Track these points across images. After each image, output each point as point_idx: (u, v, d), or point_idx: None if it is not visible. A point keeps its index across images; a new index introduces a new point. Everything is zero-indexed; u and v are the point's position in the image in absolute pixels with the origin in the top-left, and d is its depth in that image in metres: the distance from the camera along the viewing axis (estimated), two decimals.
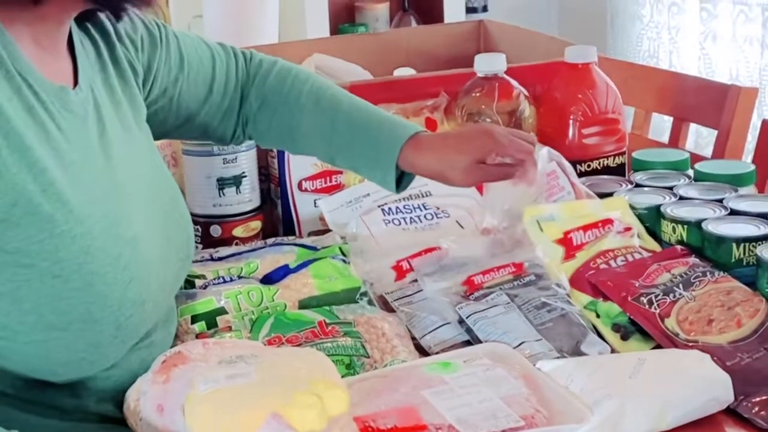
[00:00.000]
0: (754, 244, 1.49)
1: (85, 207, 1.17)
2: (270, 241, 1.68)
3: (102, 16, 1.35)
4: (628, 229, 1.60)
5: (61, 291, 1.14)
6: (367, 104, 1.57)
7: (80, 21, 1.32)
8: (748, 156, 2.26)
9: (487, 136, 1.49)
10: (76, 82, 1.27)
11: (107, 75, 1.33)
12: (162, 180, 1.39)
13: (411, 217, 1.74)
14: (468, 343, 1.41)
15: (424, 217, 1.74)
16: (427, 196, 1.77)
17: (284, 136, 1.59)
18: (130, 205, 1.26)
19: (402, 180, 1.53)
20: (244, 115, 1.59)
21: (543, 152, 1.72)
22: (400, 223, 1.73)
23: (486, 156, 1.48)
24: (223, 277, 1.51)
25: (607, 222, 1.59)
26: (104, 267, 1.17)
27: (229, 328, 1.42)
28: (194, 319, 1.43)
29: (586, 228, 1.58)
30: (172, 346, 1.35)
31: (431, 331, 1.44)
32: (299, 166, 1.80)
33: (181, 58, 1.50)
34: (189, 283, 1.49)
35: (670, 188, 1.70)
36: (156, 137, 1.47)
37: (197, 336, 1.41)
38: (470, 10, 3.85)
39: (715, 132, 2.22)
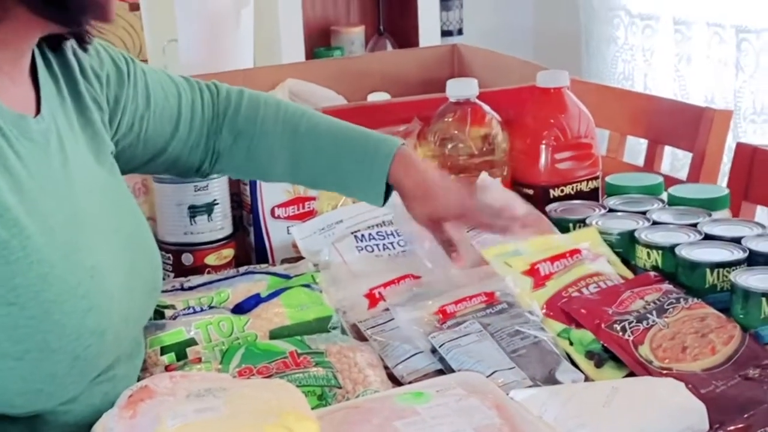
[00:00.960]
0: (727, 269, 1.49)
1: (43, 234, 1.16)
2: (242, 269, 1.67)
3: (67, 50, 1.34)
4: (597, 258, 1.59)
5: (16, 319, 1.12)
6: (342, 122, 1.59)
7: (44, 55, 1.31)
8: (723, 178, 2.26)
9: (463, 211, 1.55)
10: (38, 111, 1.26)
11: (66, 111, 1.32)
12: (127, 212, 1.38)
13: (384, 244, 1.73)
14: (441, 372, 1.39)
15: (398, 243, 1.74)
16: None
17: (262, 167, 1.59)
18: (91, 234, 1.24)
19: (387, 194, 1.55)
20: (216, 150, 1.58)
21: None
22: (373, 250, 1.72)
23: (449, 220, 1.54)
24: (193, 307, 1.50)
25: (575, 252, 1.59)
26: (62, 295, 1.15)
27: (199, 360, 1.40)
28: (163, 350, 1.41)
29: (553, 259, 1.57)
30: (140, 379, 1.34)
31: (404, 360, 1.42)
32: (271, 193, 1.79)
33: (148, 95, 1.48)
34: (158, 314, 1.48)
35: (644, 213, 1.70)
36: (124, 172, 1.45)
37: (166, 368, 1.39)
38: (445, 33, 3.86)
39: (691, 154, 2.22)
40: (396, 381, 1.40)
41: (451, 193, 1.55)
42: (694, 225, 1.63)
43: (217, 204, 1.77)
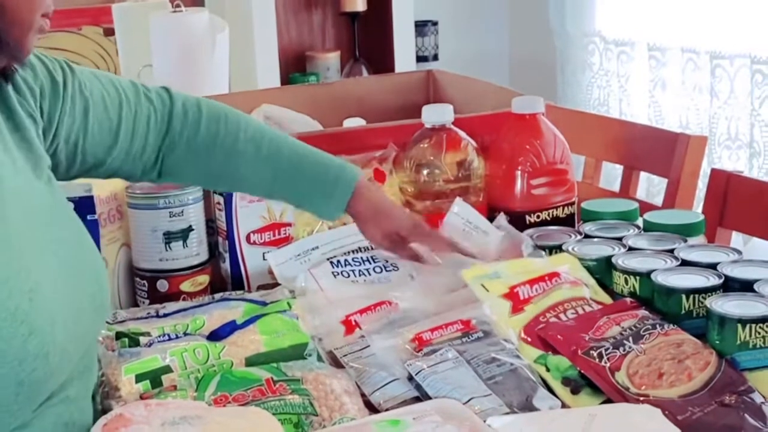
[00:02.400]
0: (703, 295, 1.49)
1: None
2: (217, 296, 1.66)
3: None
4: (576, 282, 1.59)
5: None
6: (302, 146, 1.65)
7: None
8: (699, 204, 2.26)
9: (415, 225, 1.71)
10: None
11: None
12: (68, 228, 1.34)
13: (360, 270, 1.73)
14: (418, 399, 1.39)
15: (373, 270, 1.73)
16: (375, 248, 1.75)
17: (215, 182, 1.64)
18: (29, 255, 1.21)
19: None
20: (168, 163, 1.57)
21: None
22: (348, 276, 1.71)
23: (403, 234, 1.69)
24: (168, 334, 1.48)
25: (554, 275, 1.59)
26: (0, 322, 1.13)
27: (175, 387, 1.38)
28: (138, 378, 1.39)
29: (532, 282, 1.57)
30: (104, 404, 1.34)
31: (381, 387, 1.41)
32: (247, 219, 1.78)
33: (86, 106, 1.44)
34: (133, 341, 1.47)
35: (620, 239, 1.70)
36: (63, 179, 1.43)
37: (141, 396, 1.37)
38: (421, 58, 3.87)
39: (666, 180, 2.23)
40: (373, 408, 1.39)
41: (402, 211, 1.74)
42: (671, 251, 1.63)
43: (193, 230, 1.76)
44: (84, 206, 1.66)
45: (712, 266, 1.56)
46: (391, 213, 1.69)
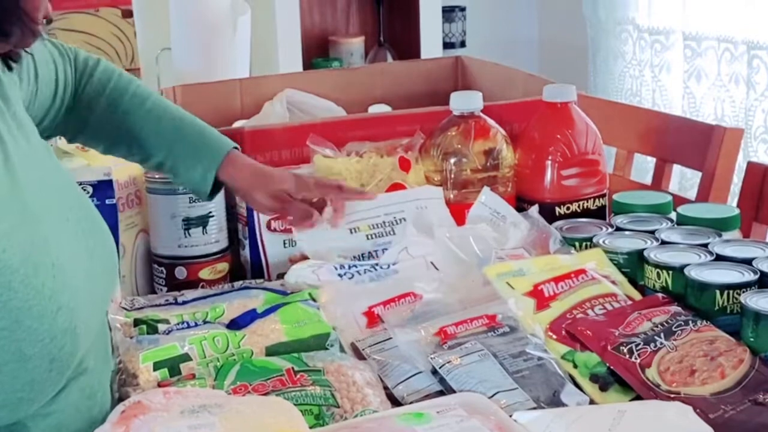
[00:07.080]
0: (738, 291, 1.46)
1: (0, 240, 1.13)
2: (237, 284, 1.65)
3: None
4: (604, 279, 1.56)
5: None
6: (186, 113, 1.63)
7: None
8: (733, 199, 2.22)
9: (299, 181, 1.66)
10: None
11: None
12: (72, 195, 1.34)
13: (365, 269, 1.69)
14: (442, 393, 1.36)
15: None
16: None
17: (100, 137, 1.60)
18: (45, 228, 1.21)
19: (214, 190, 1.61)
20: (74, 117, 1.57)
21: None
22: (353, 276, 1.67)
23: (292, 192, 1.65)
24: (187, 322, 1.47)
25: (581, 272, 1.55)
26: (29, 300, 1.13)
27: (193, 376, 1.37)
28: (156, 366, 1.38)
29: (558, 279, 1.54)
30: (124, 397, 1.32)
31: (404, 380, 1.39)
32: None
33: (36, 67, 1.45)
34: (152, 328, 1.45)
35: (652, 232, 1.67)
36: None
37: (159, 384, 1.36)
38: (448, 45, 3.83)
39: (700, 173, 2.19)
40: (395, 401, 1.36)
41: (281, 170, 1.67)
42: (705, 245, 1.59)
43: (212, 216, 1.73)
44: (103, 190, 1.65)
45: (748, 261, 1.52)
46: (272, 173, 1.64)
